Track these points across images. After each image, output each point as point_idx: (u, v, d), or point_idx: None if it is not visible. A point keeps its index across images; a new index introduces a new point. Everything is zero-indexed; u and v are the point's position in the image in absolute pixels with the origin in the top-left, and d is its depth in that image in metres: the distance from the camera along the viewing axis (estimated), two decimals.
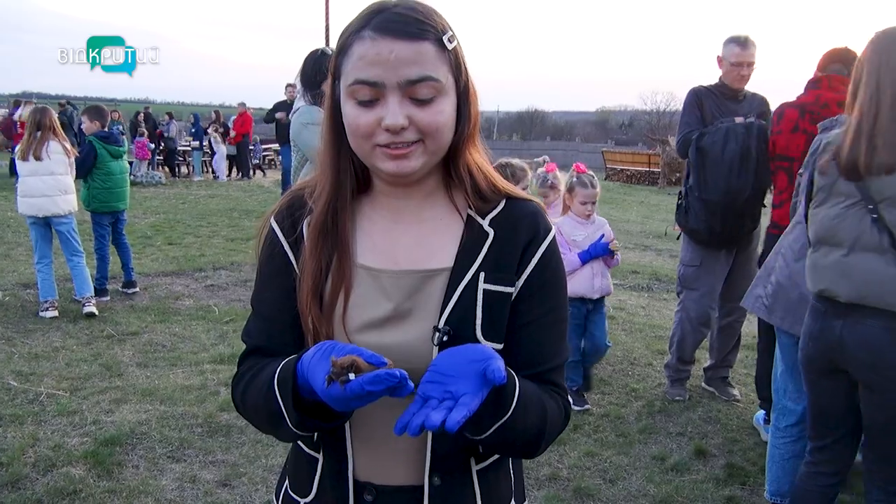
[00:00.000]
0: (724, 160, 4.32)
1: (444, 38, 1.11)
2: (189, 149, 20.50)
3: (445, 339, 1.12)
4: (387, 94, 1.08)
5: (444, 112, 1.11)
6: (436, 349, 1.12)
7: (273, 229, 1.24)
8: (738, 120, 4.38)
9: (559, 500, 3.46)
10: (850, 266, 2.41)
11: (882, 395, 2.43)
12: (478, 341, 1.14)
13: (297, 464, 1.30)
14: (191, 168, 20.47)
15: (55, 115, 6.32)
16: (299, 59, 3.95)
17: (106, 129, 6.79)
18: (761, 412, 4.35)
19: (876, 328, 2.38)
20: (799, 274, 3.05)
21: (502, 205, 1.23)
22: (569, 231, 4.40)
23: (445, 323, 1.14)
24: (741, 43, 4.47)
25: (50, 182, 6.03)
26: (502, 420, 1.05)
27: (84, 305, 6.25)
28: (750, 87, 4.63)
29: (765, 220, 4.84)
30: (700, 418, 4.49)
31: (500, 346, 1.17)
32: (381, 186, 1.22)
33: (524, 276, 1.19)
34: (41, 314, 6.14)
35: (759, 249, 4.60)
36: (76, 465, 3.64)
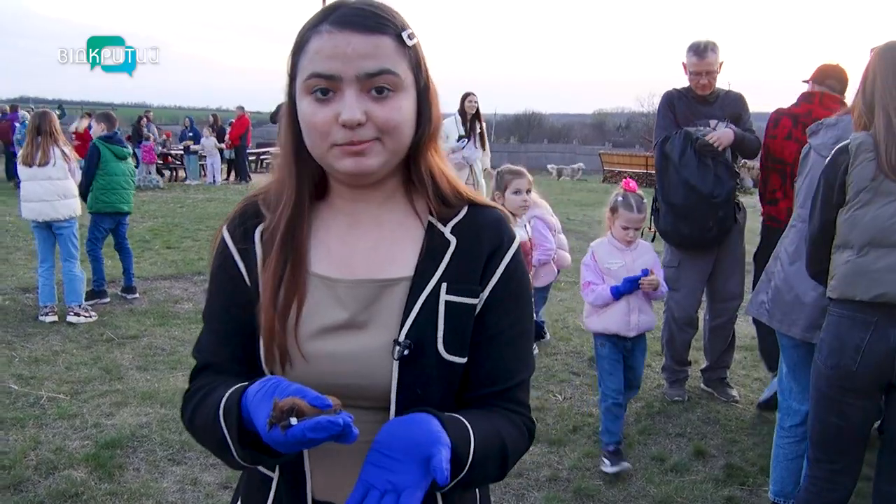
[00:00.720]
0: (683, 165, 4.39)
1: (404, 35, 1.08)
2: (181, 152, 20.38)
3: (406, 353, 1.08)
4: (343, 88, 1.04)
5: (402, 108, 1.08)
6: (396, 364, 1.09)
7: (224, 239, 1.19)
8: (713, 123, 4.45)
9: (559, 500, 3.48)
10: None
11: None
12: (440, 355, 1.10)
13: (250, 483, 1.24)
14: (186, 172, 20.36)
15: (56, 120, 6.33)
16: None
17: (111, 132, 6.85)
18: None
19: None
20: (794, 277, 3.07)
21: (465, 211, 1.18)
22: (603, 257, 3.79)
23: (406, 336, 1.09)
24: (698, 52, 4.49)
25: (48, 186, 6.04)
26: (459, 477, 1.02)
27: (67, 314, 6.23)
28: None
29: (754, 222, 4.92)
30: (699, 419, 4.51)
31: (463, 361, 1.13)
32: (338, 190, 1.18)
33: (489, 288, 1.15)
34: (41, 318, 6.15)
35: (745, 248, 4.75)
36: (77, 468, 3.65)
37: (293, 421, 0.89)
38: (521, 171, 4.17)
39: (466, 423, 1.05)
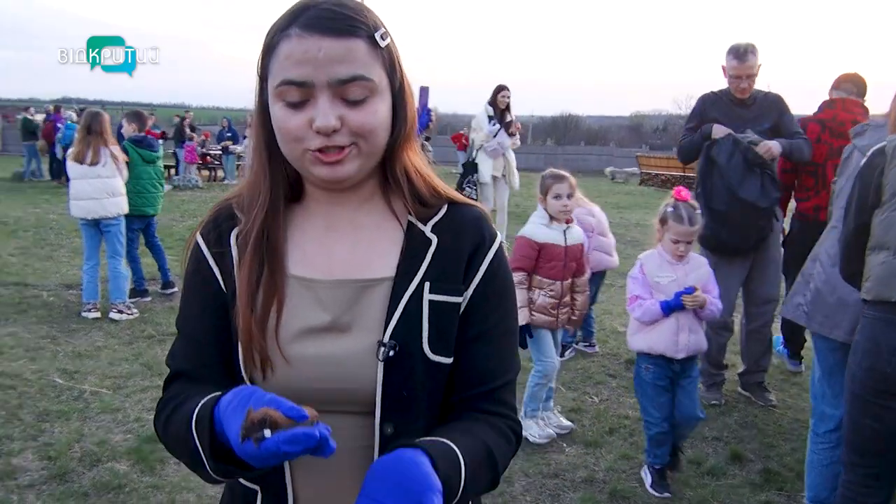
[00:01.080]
0: (729, 171, 4.35)
1: (377, 35, 1.04)
2: (219, 152, 20.56)
3: (391, 354, 1.06)
4: (317, 95, 1.02)
5: (377, 113, 1.05)
6: (381, 365, 1.06)
7: (198, 244, 1.16)
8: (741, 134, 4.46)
9: (595, 502, 3.48)
10: None
11: None
12: (426, 356, 1.08)
13: (232, 497, 1.20)
14: (224, 171, 20.54)
15: (107, 120, 6.41)
16: None
17: (141, 134, 6.90)
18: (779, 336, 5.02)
19: None
20: (836, 278, 3.03)
21: (444, 210, 1.16)
22: (652, 270, 3.50)
23: (391, 337, 1.06)
24: (739, 55, 4.47)
25: (97, 185, 6.14)
26: (453, 502, 0.99)
27: (110, 310, 6.35)
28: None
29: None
30: (736, 423, 4.47)
31: (449, 361, 1.11)
32: (313, 193, 1.15)
33: (472, 286, 1.13)
34: (84, 314, 6.29)
35: (781, 251, 4.78)
36: (120, 461, 3.74)
37: (267, 433, 0.84)
38: (563, 175, 3.98)
39: (454, 448, 1.01)
